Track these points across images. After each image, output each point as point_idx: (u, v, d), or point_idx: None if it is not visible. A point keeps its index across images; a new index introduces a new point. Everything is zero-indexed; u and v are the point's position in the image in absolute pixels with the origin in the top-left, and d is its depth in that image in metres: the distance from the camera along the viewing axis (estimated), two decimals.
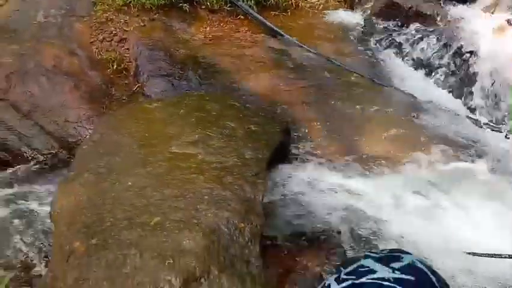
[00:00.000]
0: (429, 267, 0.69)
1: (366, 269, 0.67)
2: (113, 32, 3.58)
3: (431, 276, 0.67)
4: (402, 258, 0.69)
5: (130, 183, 2.02)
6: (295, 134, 2.71)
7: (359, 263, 0.69)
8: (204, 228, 1.78)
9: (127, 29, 3.62)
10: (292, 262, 1.93)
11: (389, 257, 0.70)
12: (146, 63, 3.33)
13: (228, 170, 2.14)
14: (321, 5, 4.29)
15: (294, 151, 2.59)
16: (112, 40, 3.52)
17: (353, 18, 3.86)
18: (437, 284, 0.66)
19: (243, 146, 2.36)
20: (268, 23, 3.89)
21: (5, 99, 2.70)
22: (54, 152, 2.65)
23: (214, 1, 4.00)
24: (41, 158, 2.63)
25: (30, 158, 2.61)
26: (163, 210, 1.86)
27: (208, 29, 3.90)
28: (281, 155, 2.55)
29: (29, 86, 2.79)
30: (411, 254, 0.71)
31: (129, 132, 2.46)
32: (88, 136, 2.57)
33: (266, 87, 3.26)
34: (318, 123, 2.79)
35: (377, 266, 0.67)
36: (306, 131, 2.74)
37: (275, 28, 3.83)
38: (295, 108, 2.92)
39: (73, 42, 3.21)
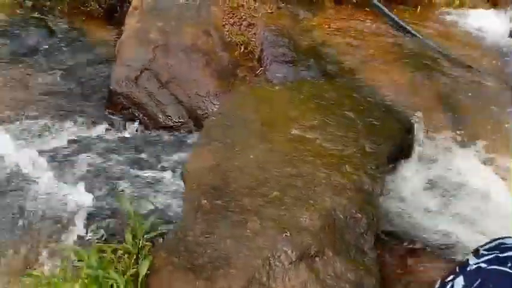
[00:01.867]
0: None
1: (510, 245, 0.68)
2: (243, 17, 3.78)
3: None
4: None
5: (252, 156, 2.14)
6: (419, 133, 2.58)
7: (500, 241, 0.71)
8: (320, 210, 1.81)
9: (255, 15, 3.79)
10: (407, 263, 1.86)
11: None
12: (271, 49, 3.45)
13: (347, 159, 2.14)
14: (457, 1, 3.96)
15: (417, 151, 2.47)
16: (241, 24, 3.72)
17: (497, 18, 3.49)
18: None
19: (362, 137, 2.33)
20: (397, 19, 3.72)
21: (150, 69, 3.05)
22: (184, 120, 2.92)
23: None
24: (172, 124, 2.92)
25: (163, 123, 2.92)
26: (281, 185, 1.94)
27: (332, 19, 3.89)
28: (402, 154, 2.45)
29: (169, 59, 3.11)
30: None
31: (252, 110, 2.59)
32: (215, 109, 2.78)
33: (388, 83, 3.15)
34: (447, 127, 2.62)
35: None
36: (432, 132, 2.58)
37: (404, 25, 3.66)
38: (421, 108, 2.77)
39: (208, 24, 3.47)
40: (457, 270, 0.71)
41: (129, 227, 1.75)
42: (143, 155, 2.58)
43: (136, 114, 2.95)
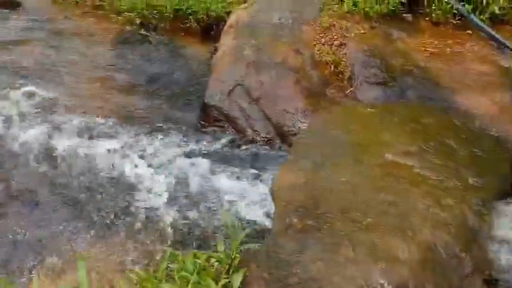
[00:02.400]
0: None
1: None
2: (334, 36, 3.77)
3: None
4: None
5: (343, 178, 2.08)
6: None
7: None
8: (419, 242, 1.70)
9: (347, 35, 3.76)
10: None
11: None
12: (362, 69, 3.38)
13: (448, 191, 1.99)
14: None
15: None
16: (332, 44, 3.70)
17: None
18: None
19: (464, 168, 2.16)
20: (506, 42, 3.43)
21: (242, 84, 3.16)
22: (270, 136, 2.96)
23: (441, 13, 3.77)
24: (259, 139, 2.97)
25: (251, 138, 2.98)
26: (375, 212, 1.86)
27: (429, 41, 3.70)
28: (510, 187, 2.22)
29: (261, 76, 3.20)
30: None
31: (343, 130, 2.55)
32: (303, 127, 2.78)
33: (491, 109, 2.89)
34: None
35: None
36: None
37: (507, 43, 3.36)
38: None
39: (299, 43, 3.51)
40: None
41: (222, 236, 1.79)
42: (232, 167, 2.65)
43: (226, 127, 3.06)
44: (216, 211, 2.19)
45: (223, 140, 2.93)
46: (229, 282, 1.58)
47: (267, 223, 2.02)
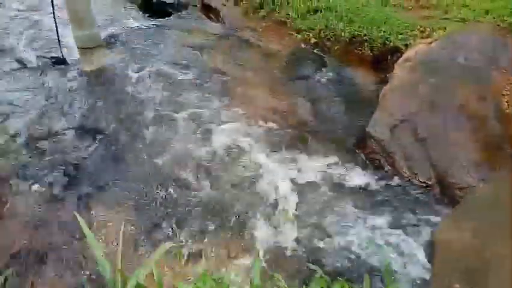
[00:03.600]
0: None
1: None
2: None
3: None
4: None
5: (504, 252, 1.78)
6: None
7: None
8: None
9: None
10: None
11: None
12: None
13: None
14: None
15: None
16: None
17: None
18: None
19: None
20: None
21: (409, 120, 2.99)
22: (430, 183, 2.72)
23: None
24: (417, 183, 2.76)
25: (407, 178, 2.80)
26: None
27: None
28: None
29: (433, 117, 2.97)
30: None
31: None
32: (473, 182, 2.48)
33: None
34: None
35: None
36: None
37: None
38: None
39: (485, 89, 3.16)
40: None
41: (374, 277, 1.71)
42: (382, 206, 2.53)
43: (382, 162, 2.94)
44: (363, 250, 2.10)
45: (377, 174, 2.81)
46: None
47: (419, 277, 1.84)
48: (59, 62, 4.19)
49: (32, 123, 3.38)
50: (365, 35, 4.18)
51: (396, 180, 2.80)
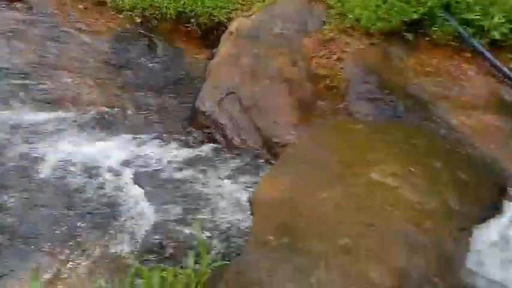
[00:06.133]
0: None
1: None
2: (333, 50, 3.75)
3: None
4: None
5: (325, 196, 2.05)
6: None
7: None
8: (394, 266, 1.66)
9: (346, 50, 3.74)
10: None
11: None
12: (356, 85, 3.36)
13: (428, 214, 1.96)
14: None
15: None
16: (330, 58, 3.69)
17: None
18: None
19: (448, 192, 2.12)
20: (502, 67, 3.41)
21: (235, 92, 3.14)
22: (257, 146, 2.93)
23: (442, 34, 3.75)
24: (246, 149, 2.94)
25: (238, 147, 2.96)
26: (352, 233, 1.82)
27: (426, 61, 3.68)
28: (494, 209, 2.19)
29: (254, 85, 3.18)
30: None
31: (331, 147, 2.52)
32: (292, 140, 2.75)
33: (482, 133, 2.87)
34: None
35: None
36: None
37: (507, 71, 3.34)
38: None
39: (297, 54, 3.49)
40: None
41: (193, 252, 1.75)
42: (214, 175, 2.62)
43: (215, 135, 3.04)
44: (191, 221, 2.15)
45: (209, 147, 2.90)
46: None
47: (241, 239, 1.98)
48: None
49: None
50: (190, 11, 4.17)
51: (228, 149, 2.94)
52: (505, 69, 3.36)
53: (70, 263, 1.98)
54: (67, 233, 2.18)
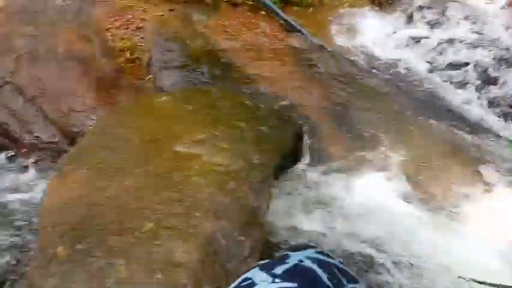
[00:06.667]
0: (322, 262, 0.61)
1: (248, 282, 0.60)
2: (131, 19, 3.46)
3: (322, 274, 0.60)
4: (288, 258, 0.62)
5: (127, 183, 1.88)
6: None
7: (244, 276, 0.62)
8: (200, 239, 1.63)
9: (144, 18, 3.50)
10: None
11: (275, 261, 0.63)
12: (160, 54, 3.20)
13: (232, 174, 1.99)
14: (347, 3, 4.08)
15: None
16: (128, 28, 3.39)
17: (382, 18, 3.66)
18: (328, 282, 0.59)
19: (251, 149, 2.20)
20: (287, 18, 3.72)
21: (12, 82, 2.61)
22: (55, 141, 2.54)
23: None
24: (42, 146, 2.52)
25: (29, 145, 2.51)
26: (158, 215, 1.72)
27: (227, 22, 3.74)
28: (293, 157, 2.39)
29: (37, 70, 2.69)
30: (306, 249, 0.64)
31: (134, 126, 2.33)
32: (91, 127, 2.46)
33: (282, 86, 3.09)
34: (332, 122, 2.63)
35: (258, 276, 0.60)
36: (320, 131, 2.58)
37: (295, 24, 3.67)
38: (310, 109, 2.76)
39: (88, 28, 3.10)
40: None
41: None
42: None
43: None
44: None
45: None
46: None
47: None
48: None
49: None
50: None
51: (18, 150, 2.46)
52: (292, 21, 3.68)
53: None
54: None
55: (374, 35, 3.52)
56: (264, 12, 3.86)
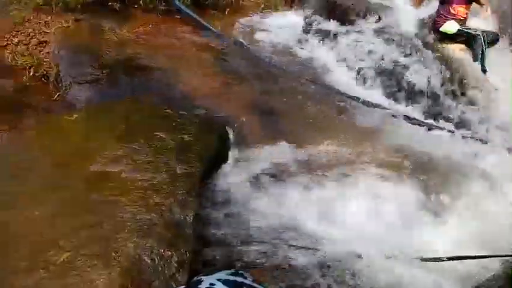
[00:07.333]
0: (234, 283, 0.65)
1: None
2: (31, 34, 3.21)
3: None
4: (200, 284, 0.66)
5: (37, 213, 1.73)
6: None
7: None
8: (123, 261, 1.55)
9: (47, 31, 3.26)
10: None
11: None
12: (69, 69, 3.00)
13: (155, 188, 1.92)
14: (263, 4, 4.17)
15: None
16: (29, 43, 3.14)
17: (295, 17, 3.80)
18: None
19: (173, 159, 2.14)
20: (202, 21, 3.71)
21: None
22: None
23: (148, 0, 3.73)
24: None
25: None
26: (75, 243, 1.60)
27: (141, 29, 3.62)
28: (219, 160, 2.37)
29: None
30: (221, 270, 0.68)
31: (42, 150, 2.16)
32: None
33: (203, 89, 3.06)
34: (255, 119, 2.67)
35: None
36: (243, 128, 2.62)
37: (208, 26, 3.68)
38: (232, 109, 2.77)
39: None
40: None
41: None
42: None
43: None
44: None
45: None
46: None
47: None
48: None
49: None
50: None
51: None
52: (205, 23, 3.67)
53: None
54: None
55: (289, 33, 3.62)
56: (178, 16, 3.79)
